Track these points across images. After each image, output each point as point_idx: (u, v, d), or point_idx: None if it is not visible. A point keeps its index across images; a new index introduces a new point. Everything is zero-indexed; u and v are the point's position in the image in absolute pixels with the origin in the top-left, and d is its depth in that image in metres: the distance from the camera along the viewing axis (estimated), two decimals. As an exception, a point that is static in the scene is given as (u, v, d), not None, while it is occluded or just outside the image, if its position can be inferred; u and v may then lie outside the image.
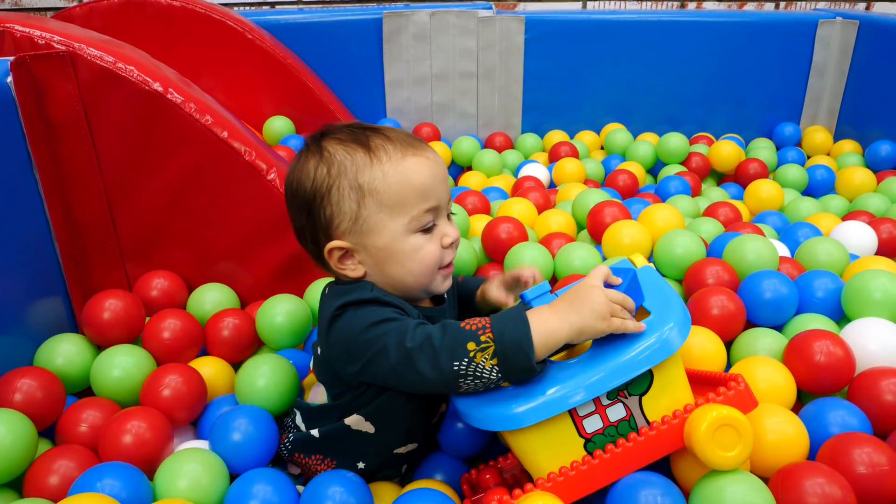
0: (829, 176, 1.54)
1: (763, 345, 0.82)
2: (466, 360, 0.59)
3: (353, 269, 0.69)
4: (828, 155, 1.77)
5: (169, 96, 0.95)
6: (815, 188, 1.54)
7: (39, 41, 0.92)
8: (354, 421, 0.72)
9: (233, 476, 0.73)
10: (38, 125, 0.92)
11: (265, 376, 0.81)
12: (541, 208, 1.32)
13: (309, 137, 0.71)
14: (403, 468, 0.78)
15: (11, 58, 0.88)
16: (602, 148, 1.84)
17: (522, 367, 0.59)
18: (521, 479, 0.75)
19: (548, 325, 0.59)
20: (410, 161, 0.66)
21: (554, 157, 1.70)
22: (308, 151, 0.69)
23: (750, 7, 2.18)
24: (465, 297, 0.82)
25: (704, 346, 0.81)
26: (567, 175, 1.55)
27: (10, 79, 0.87)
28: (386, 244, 0.67)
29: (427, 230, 0.68)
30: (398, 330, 0.62)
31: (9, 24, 0.93)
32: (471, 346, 0.59)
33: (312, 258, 0.72)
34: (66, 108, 0.93)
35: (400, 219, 0.66)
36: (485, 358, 0.59)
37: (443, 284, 0.71)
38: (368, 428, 0.72)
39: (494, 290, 0.80)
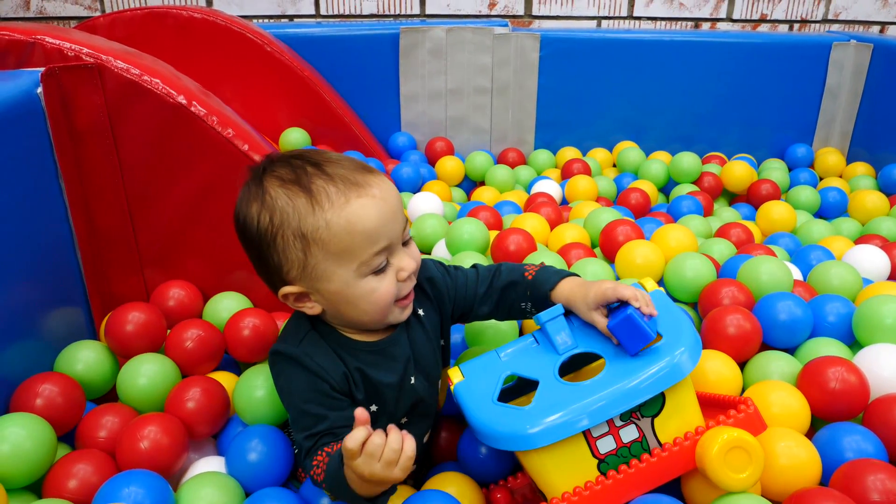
0: (841, 198, 1.54)
1: (776, 368, 0.83)
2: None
3: (310, 308, 0.68)
4: (840, 177, 1.78)
5: (192, 109, 0.96)
6: (828, 210, 1.54)
7: (69, 53, 0.94)
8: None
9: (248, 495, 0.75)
10: (64, 135, 0.94)
11: (263, 387, 0.82)
12: (553, 224, 1.33)
13: (251, 171, 0.67)
14: (409, 481, 0.79)
15: (42, 69, 0.90)
16: (614, 166, 1.85)
17: None
18: (531, 498, 0.75)
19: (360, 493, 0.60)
20: (354, 205, 0.62)
21: (566, 173, 1.72)
22: (250, 191, 0.66)
23: (764, 28, 2.19)
24: (538, 299, 0.75)
25: (721, 371, 0.81)
26: (579, 192, 1.56)
27: (40, 89, 0.89)
28: (337, 289, 0.65)
29: (380, 270, 0.65)
30: (300, 441, 0.66)
31: (40, 35, 0.95)
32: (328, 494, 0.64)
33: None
34: (93, 119, 0.96)
35: (349, 265, 0.64)
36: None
37: (401, 315, 0.69)
38: None
39: (589, 314, 0.69)
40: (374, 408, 0.70)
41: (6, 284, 0.84)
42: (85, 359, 0.89)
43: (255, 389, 0.82)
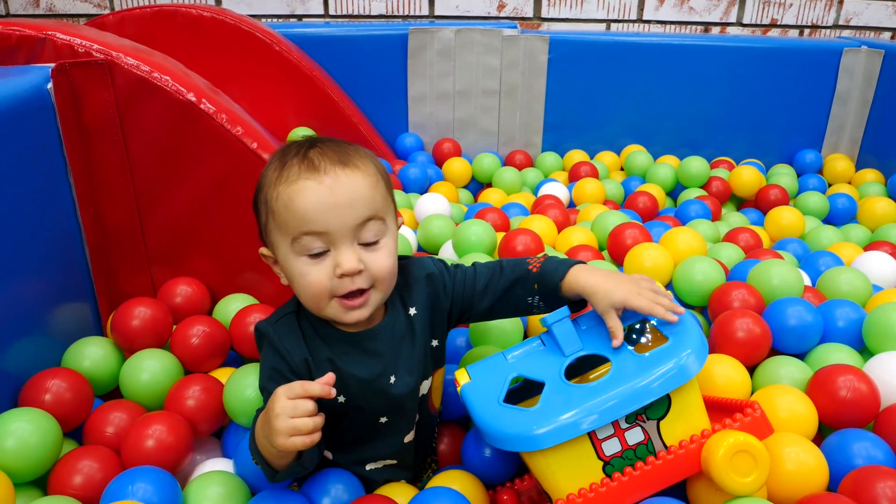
0: (850, 205, 1.53)
1: (786, 373, 0.82)
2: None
3: (282, 277, 0.70)
4: (849, 183, 1.77)
5: (202, 106, 0.97)
6: (836, 216, 1.53)
7: (79, 49, 0.95)
8: None
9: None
10: (74, 131, 0.94)
11: (253, 387, 0.82)
12: (560, 226, 1.33)
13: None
14: (402, 479, 0.79)
15: (52, 64, 0.90)
16: (622, 169, 1.85)
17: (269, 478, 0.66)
18: (537, 501, 0.75)
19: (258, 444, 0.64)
20: (300, 185, 0.64)
21: (574, 176, 1.71)
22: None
23: (774, 33, 2.18)
24: (547, 291, 0.73)
25: (730, 375, 0.81)
26: (587, 195, 1.56)
27: (50, 85, 0.90)
28: (281, 261, 0.68)
29: (316, 255, 0.65)
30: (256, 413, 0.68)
31: (51, 31, 0.96)
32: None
33: None
34: (102, 115, 0.96)
35: (285, 239, 0.66)
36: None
37: (344, 315, 0.67)
38: (327, 454, 0.75)
39: (612, 318, 0.68)
40: (341, 399, 0.70)
41: (15, 280, 0.84)
42: (92, 355, 0.89)
43: (245, 389, 0.82)
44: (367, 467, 0.76)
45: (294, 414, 0.58)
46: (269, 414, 0.60)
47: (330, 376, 0.60)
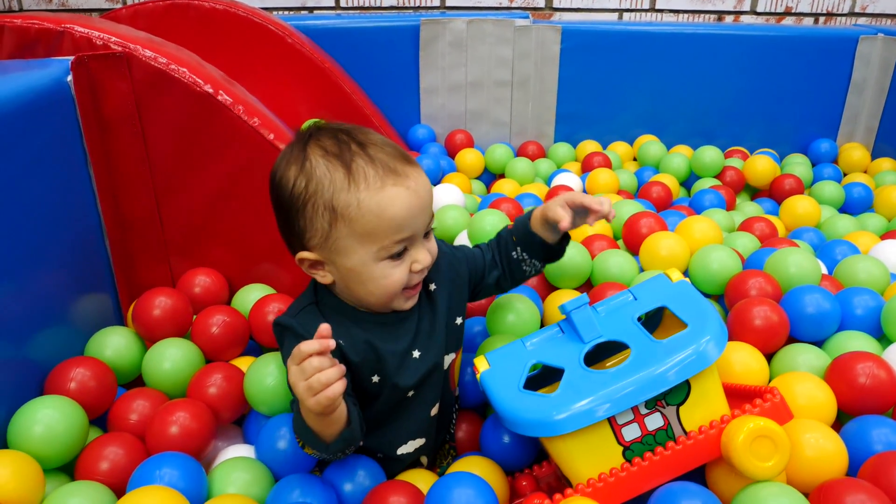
0: (866, 194, 1.52)
1: (804, 360, 0.82)
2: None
3: (322, 277, 0.70)
4: (865, 173, 1.75)
5: (219, 97, 0.97)
6: (852, 206, 1.52)
7: (97, 42, 0.95)
8: None
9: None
10: (94, 123, 0.95)
11: (273, 375, 0.83)
12: (574, 217, 1.32)
13: (297, 135, 0.69)
14: (425, 460, 0.80)
15: (72, 57, 0.91)
16: (635, 159, 1.84)
17: (321, 455, 0.67)
18: (556, 487, 0.76)
19: (306, 423, 0.64)
20: (389, 192, 0.64)
21: (587, 167, 1.71)
22: (292, 153, 0.68)
23: (789, 22, 2.16)
24: (521, 234, 0.80)
25: (747, 363, 0.81)
26: (600, 185, 1.55)
27: (70, 77, 0.90)
28: (352, 266, 0.67)
29: (397, 257, 0.67)
30: (292, 405, 0.69)
31: (69, 24, 0.97)
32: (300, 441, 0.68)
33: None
34: (121, 107, 0.97)
35: (369, 247, 0.66)
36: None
37: (406, 303, 0.71)
38: None
39: (556, 208, 0.75)
40: (375, 378, 0.72)
41: (38, 271, 0.85)
42: (114, 344, 0.90)
43: (265, 378, 0.83)
44: (399, 451, 0.77)
45: (305, 377, 0.58)
46: (288, 380, 0.61)
47: (325, 328, 0.60)
